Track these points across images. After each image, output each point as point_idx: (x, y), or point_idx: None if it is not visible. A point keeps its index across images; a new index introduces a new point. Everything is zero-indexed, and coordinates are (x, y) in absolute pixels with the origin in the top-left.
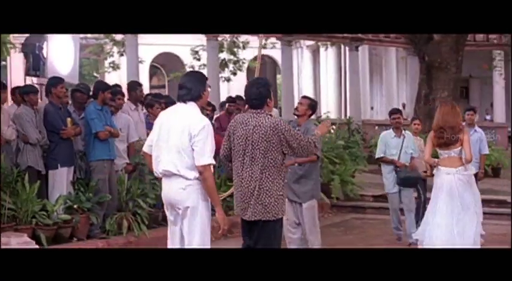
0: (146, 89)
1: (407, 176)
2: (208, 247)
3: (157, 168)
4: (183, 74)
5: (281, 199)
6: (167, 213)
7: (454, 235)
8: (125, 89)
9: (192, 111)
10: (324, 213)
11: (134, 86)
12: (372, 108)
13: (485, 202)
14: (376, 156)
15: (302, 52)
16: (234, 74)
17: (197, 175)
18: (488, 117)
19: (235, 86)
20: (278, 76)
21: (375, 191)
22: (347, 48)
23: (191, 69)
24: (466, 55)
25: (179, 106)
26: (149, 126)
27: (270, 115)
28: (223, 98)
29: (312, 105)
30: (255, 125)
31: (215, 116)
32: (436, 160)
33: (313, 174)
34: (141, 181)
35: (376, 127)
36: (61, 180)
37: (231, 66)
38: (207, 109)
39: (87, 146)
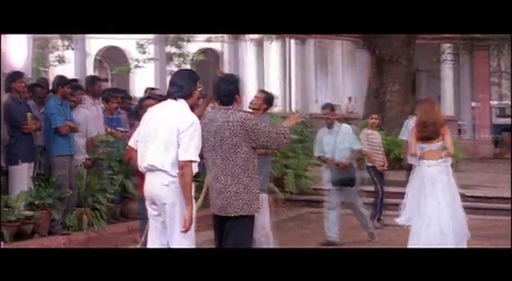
0: None
1: (338, 177)
2: (192, 245)
3: (142, 163)
4: (175, 71)
5: (258, 194)
6: (149, 209)
7: (447, 220)
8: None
9: (181, 109)
10: (277, 207)
11: (93, 80)
12: (316, 101)
13: None
14: (315, 154)
15: (246, 45)
16: (179, 67)
17: None
18: None
19: None
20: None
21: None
22: (293, 41)
23: (181, 68)
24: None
25: (169, 103)
26: (106, 122)
27: (240, 110)
28: None
29: (268, 99)
30: (224, 121)
31: None
32: (419, 152)
33: (263, 167)
34: (100, 176)
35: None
36: (22, 176)
37: (176, 59)
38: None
39: (47, 142)
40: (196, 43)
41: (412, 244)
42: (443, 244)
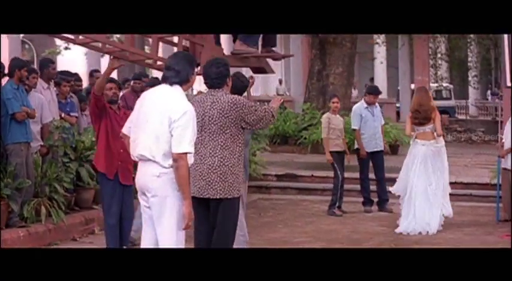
0: None
1: None
2: (182, 241)
3: (133, 152)
4: (171, 54)
5: (242, 176)
6: (140, 200)
7: (434, 190)
8: None
9: (176, 95)
10: None
11: (46, 63)
12: None
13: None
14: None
15: None
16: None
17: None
18: (355, 91)
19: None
20: None
21: (278, 170)
22: None
23: (179, 50)
24: None
25: (163, 88)
26: (60, 107)
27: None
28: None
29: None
30: (213, 102)
31: (120, 94)
32: (413, 133)
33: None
34: (55, 164)
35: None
36: None
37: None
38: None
39: (2, 128)
40: None
41: (404, 212)
42: (429, 211)
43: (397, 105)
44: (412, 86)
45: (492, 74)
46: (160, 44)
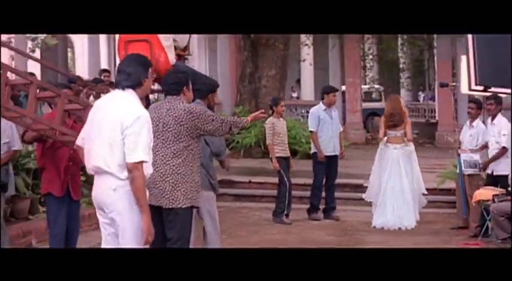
0: None
1: None
2: None
3: (88, 164)
4: (124, 57)
5: (197, 185)
6: (98, 216)
7: (408, 191)
8: None
9: (128, 100)
10: None
11: None
12: None
13: (339, 187)
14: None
15: None
16: (33, 51)
17: None
18: (294, 94)
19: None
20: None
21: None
22: None
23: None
24: None
25: (116, 93)
26: None
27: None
28: None
29: None
30: (169, 109)
31: None
32: (386, 137)
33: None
34: None
35: None
36: None
37: (29, 43)
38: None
39: None
40: None
41: (377, 214)
42: (406, 210)
43: None
44: (343, 87)
45: (426, 76)
46: None
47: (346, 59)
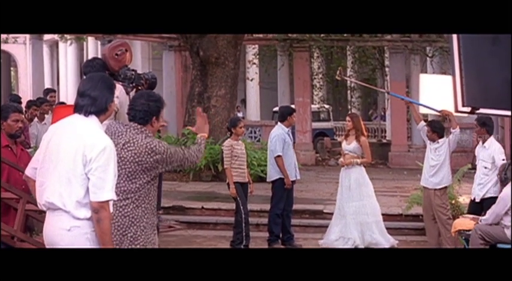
0: None
1: None
2: None
3: (40, 199)
4: (85, 77)
5: (150, 228)
6: None
7: (366, 210)
8: None
9: (91, 128)
10: None
11: None
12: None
13: (297, 213)
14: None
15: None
16: None
17: (89, 214)
18: (240, 114)
19: None
20: (12, 69)
21: (163, 201)
22: (99, 42)
23: (94, 73)
24: None
25: (76, 119)
26: None
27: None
28: None
29: None
30: (127, 141)
31: None
32: (342, 160)
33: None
34: None
35: None
36: None
37: None
38: None
39: None
40: None
41: (335, 228)
42: (369, 231)
43: None
44: (292, 106)
45: (377, 95)
46: None
47: (295, 77)
